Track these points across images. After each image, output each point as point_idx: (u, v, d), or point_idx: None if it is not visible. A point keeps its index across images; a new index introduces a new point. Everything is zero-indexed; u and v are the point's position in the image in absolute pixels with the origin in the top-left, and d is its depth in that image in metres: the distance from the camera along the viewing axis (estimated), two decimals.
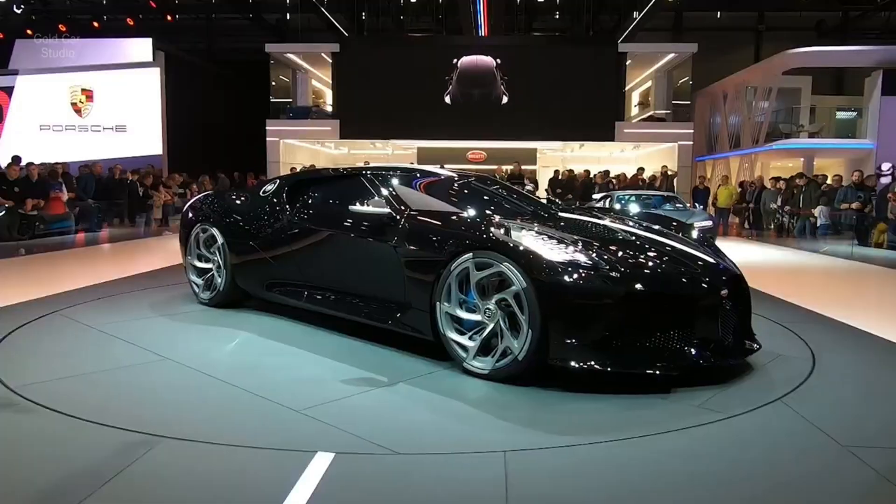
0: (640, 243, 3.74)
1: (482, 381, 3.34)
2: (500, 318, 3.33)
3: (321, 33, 24.24)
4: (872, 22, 25.35)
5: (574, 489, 2.26)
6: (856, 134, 19.54)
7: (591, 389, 3.19)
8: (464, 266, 3.45)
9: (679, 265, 3.53)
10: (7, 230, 10.55)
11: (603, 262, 3.26)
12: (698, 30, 25.69)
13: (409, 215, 3.97)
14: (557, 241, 3.35)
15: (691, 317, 3.35)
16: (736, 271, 3.76)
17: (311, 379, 3.43)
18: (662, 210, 11.12)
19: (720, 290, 3.44)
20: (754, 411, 3.00)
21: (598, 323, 3.20)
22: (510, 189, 5.27)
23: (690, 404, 3.08)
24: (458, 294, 3.51)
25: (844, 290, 7.43)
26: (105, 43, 21.28)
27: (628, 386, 3.22)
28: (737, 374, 3.53)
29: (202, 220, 5.30)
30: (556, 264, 3.21)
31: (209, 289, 5.23)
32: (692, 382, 3.31)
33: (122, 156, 19.07)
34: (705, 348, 3.33)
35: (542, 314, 3.16)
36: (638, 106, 23.77)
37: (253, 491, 2.20)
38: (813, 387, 3.39)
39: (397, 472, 2.36)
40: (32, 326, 4.47)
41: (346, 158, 23.51)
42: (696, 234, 4.31)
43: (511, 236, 3.35)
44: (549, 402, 3.09)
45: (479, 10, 20.97)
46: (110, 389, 3.22)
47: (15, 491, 2.18)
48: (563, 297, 3.16)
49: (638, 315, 3.22)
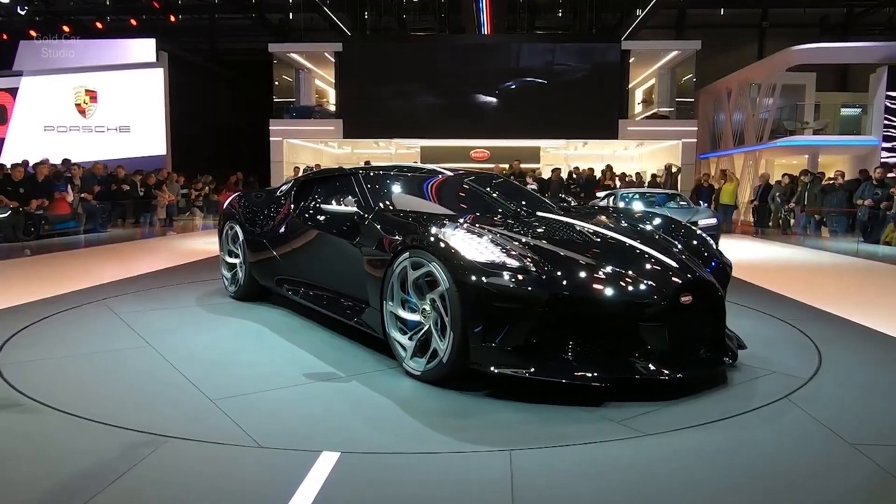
0: (601, 247, 3.49)
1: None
2: (434, 318, 3.28)
3: (324, 33, 24.22)
4: (877, 18, 25.22)
5: (581, 488, 2.25)
6: (860, 131, 19.45)
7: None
8: (403, 265, 3.46)
9: (634, 270, 3.24)
10: (12, 230, 10.59)
11: (532, 265, 3.10)
12: (701, 27, 25.62)
13: (373, 214, 4.01)
14: (489, 242, 3.21)
15: (632, 325, 3.11)
16: (707, 279, 3.39)
17: (290, 374, 3.43)
18: (667, 208, 11.07)
19: (678, 298, 3.15)
20: (761, 409, 2.99)
21: (518, 327, 3.03)
22: (513, 188, 5.04)
23: (694, 404, 3.07)
24: (400, 293, 3.50)
25: (850, 286, 7.40)
26: (108, 44, 21.32)
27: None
28: (741, 373, 3.52)
29: (230, 218, 5.63)
30: (477, 265, 3.09)
31: (234, 283, 5.54)
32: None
33: (126, 156, 19.12)
34: (649, 359, 3.09)
35: (462, 315, 3.07)
36: (641, 104, 23.72)
37: (256, 491, 2.20)
38: (819, 384, 3.38)
39: (402, 471, 2.36)
40: (36, 326, 4.48)
41: (349, 158, 23.52)
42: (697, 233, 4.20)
43: (440, 236, 3.28)
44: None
45: (481, 9, 20.94)
46: (116, 391, 3.23)
47: (19, 491, 2.18)
48: (481, 298, 3.03)
49: (566, 321, 3.05)
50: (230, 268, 5.61)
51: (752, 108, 20.90)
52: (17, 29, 22.83)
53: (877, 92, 18.57)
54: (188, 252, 9.55)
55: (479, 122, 19.84)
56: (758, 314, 5.19)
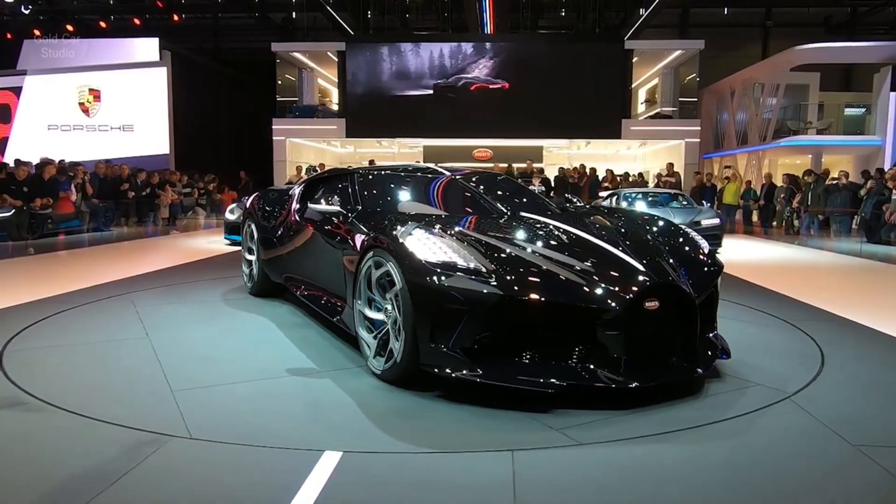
0: (569, 250, 3.35)
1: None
2: (393, 318, 3.27)
3: (327, 32, 24.27)
4: (881, 18, 25.16)
5: (583, 489, 2.25)
6: (864, 130, 19.40)
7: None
8: (368, 264, 3.49)
9: (597, 274, 3.10)
10: (16, 229, 10.62)
11: (484, 267, 3.03)
12: (705, 26, 25.60)
13: (355, 214, 4.05)
14: (444, 243, 3.16)
15: (588, 330, 2.99)
16: (675, 284, 3.18)
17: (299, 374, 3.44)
18: (670, 208, 11.04)
19: (641, 303, 3.01)
20: (763, 410, 2.98)
21: (467, 329, 2.97)
22: (511, 187, 4.95)
23: (696, 404, 3.06)
24: (367, 292, 3.52)
25: (853, 287, 7.38)
26: (112, 43, 21.36)
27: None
28: (743, 374, 3.52)
29: (249, 217, 5.86)
30: (426, 265, 3.06)
31: (250, 279, 5.78)
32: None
33: (130, 155, 19.16)
34: (606, 366, 2.97)
35: (413, 315, 3.06)
36: (644, 103, 23.69)
37: (258, 491, 2.20)
38: (822, 385, 3.37)
39: (405, 471, 2.36)
40: (39, 326, 4.50)
41: (351, 157, 23.54)
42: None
43: (398, 236, 3.28)
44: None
45: (484, 8, 20.94)
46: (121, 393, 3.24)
47: (23, 490, 2.19)
48: (430, 298, 3.00)
49: (518, 325, 2.98)
50: (248, 265, 5.83)
51: (756, 108, 20.86)
52: (21, 28, 22.90)
53: (880, 92, 18.52)
54: (193, 251, 9.56)
55: (482, 122, 19.83)
56: (759, 314, 5.18)
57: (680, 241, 3.83)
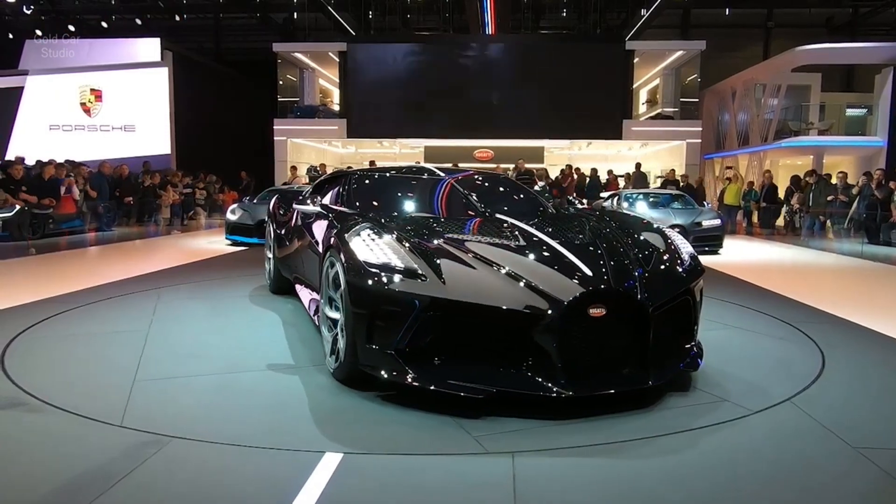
0: (525, 254, 3.26)
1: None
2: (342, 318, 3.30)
3: (328, 32, 24.30)
4: (883, 18, 25.15)
5: (584, 492, 2.25)
6: (866, 131, 19.38)
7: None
8: (327, 264, 3.56)
9: (540, 280, 2.98)
10: (18, 229, 10.63)
11: (419, 269, 2.99)
12: (706, 27, 25.58)
13: (334, 214, 4.09)
14: (385, 244, 3.16)
15: (523, 335, 2.90)
16: (623, 291, 3.01)
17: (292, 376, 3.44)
18: (671, 209, 11.04)
19: (584, 310, 2.90)
20: (764, 412, 2.98)
21: (401, 331, 2.92)
22: (511, 190, 4.96)
23: (697, 405, 3.06)
24: (328, 291, 3.55)
25: (854, 288, 7.37)
26: (113, 43, 21.39)
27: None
28: (744, 374, 3.52)
29: (269, 216, 6.17)
30: (365, 266, 3.06)
31: (269, 277, 6.04)
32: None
33: (131, 155, 19.17)
34: (542, 372, 2.88)
35: (352, 315, 3.08)
36: (646, 104, 23.69)
37: (259, 491, 2.21)
38: (822, 387, 3.37)
39: (406, 473, 2.36)
40: (40, 326, 4.50)
41: (353, 158, 23.56)
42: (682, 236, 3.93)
43: (345, 236, 3.32)
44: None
45: (485, 9, 20.96)
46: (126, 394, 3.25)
47: (25, 490, 2.20)
48: (366, 299, 3.02)
49: (452, 328, 2.94)
50: (268, 262, 6.09)
51: (757, 109, 20.84)
52: (23, 29, 22.94)
53: (882, 92, 18.50)
54: (193, 251, 9.57)
55: (483, 122, 19.84)
56: (760, 316, 5.18)
57: (657, 248, 3.60)
